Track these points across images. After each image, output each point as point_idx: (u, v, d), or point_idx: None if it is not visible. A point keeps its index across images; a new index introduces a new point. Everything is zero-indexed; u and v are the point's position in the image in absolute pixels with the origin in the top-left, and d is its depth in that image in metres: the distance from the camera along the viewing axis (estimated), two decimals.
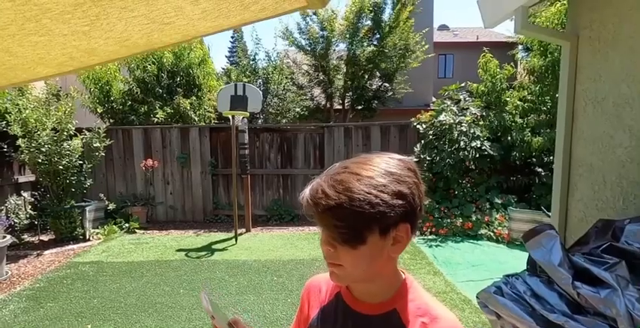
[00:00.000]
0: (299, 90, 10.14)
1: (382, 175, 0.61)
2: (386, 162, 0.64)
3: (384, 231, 0.61)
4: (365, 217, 0.59)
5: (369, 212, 0.58)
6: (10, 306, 3.37)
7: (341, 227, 0.60)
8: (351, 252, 0.62)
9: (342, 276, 0.66)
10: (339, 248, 0.63)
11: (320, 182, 0.63)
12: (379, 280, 0.69)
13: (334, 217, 0.60)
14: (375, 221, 0.60)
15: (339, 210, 0.59)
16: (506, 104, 6.14)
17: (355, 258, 0.62)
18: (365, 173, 0.61)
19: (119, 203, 6.42)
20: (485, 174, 6.04)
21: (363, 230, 0.60)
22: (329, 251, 0.64)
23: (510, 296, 1.47)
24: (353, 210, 0.58)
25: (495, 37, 14.49)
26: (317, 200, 0.61)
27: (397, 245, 0.64)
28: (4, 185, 5.59)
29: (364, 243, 0.61)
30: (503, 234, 5.14)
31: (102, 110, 7.26)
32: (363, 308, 0.71)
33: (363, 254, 0.62)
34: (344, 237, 0.61)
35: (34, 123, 4.99)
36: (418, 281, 3.66)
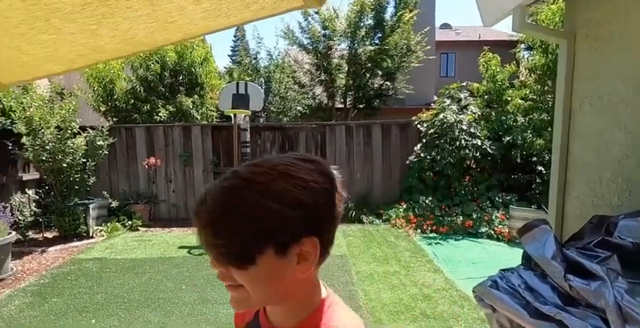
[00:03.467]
0: (300, 88, 10.17)
1: (277, 181, 0.51)
2: (287, 164, 0.53)
3: (281, 249, 0.50)
4: (249, 233, 0.49)
5: (255, 227, 0.49)
6: (15, 301, 3.43)
7: (221, 245, 0.50)
8: (242, 274, 0.51)
9: (241, 300, 0.55)
10: (229, 269, 0.52)
11: (206, 191, 0.53)
12: (289, 303, 0.58)
13: (212, 234, 0.51)
14: (264, 237, 0.50)
15: (218, 225, 0.50)
16: (507, 103, 6.14)
17: (249, 281, 0.52)
18: (256, 178, 0.51)
19: (122, 201, 6.46)
20: (486, 173, 6.05)
21: (249, 248, 0.50)
22: (221, 273, 0.53)
23: (505, 289, 1.50)
24: (233, 224, 0.50)
25: (498, 36, 14.46)
26: (197, 213, 0.52)
27: (304, 263, 0.52)
28: (8, 183, 5.65)
29: (253, 263, 0.50)
30: (503, 232, 5.16)
31: (105, 108, 7.32)
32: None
33: (257, 276, 0.51)
34: (226, 258, 0.51)
35: (39, 122, 5.05)
36: (418, 279, 3.68)
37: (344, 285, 3.72)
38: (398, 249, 4.81)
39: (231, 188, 0.52)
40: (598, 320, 1.13)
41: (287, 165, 0.53)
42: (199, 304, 3.34)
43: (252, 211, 0.50)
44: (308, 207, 0.51)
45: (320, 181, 0.53)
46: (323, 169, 0.55)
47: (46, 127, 5.07)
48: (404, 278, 3.90)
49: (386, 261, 4.39)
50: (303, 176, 0.52)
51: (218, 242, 0.50)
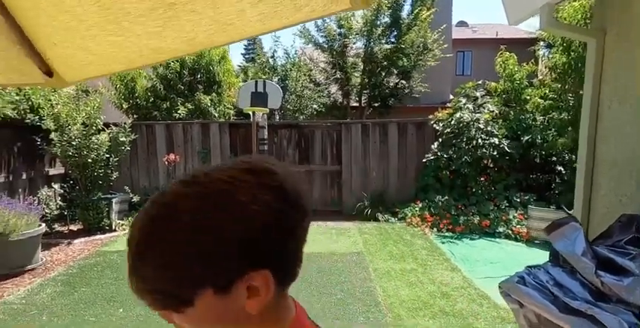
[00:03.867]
0: (316, 87, 10.22)
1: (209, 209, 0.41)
2: (225, 181, 0.42)
3: (221, 288, 0.42)
4: (177, 278, 0.41)
5: (183, 271, 0.41)
6: (47, 290, 3.58)
7: (149, 291, 0.44)
8: (182, 317, 0.44)
9: None
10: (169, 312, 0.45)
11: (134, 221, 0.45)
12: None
13: (139, 280, 0.44)
14: (196, 281, 0.41)
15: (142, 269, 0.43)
16: (526, 102, 6.07)
17: (191, 323, 0.45)
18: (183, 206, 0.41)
19: (143, 196, 6.63)
20: (503, 172, 5.99)
21: (181, 293, 0.42)
22: (162, 314, 0.46)
23: (533, 285, 1.52)
24: (158, 269, 0.42)
25: (516, 34, 14.20)
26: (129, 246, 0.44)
27: (255, 298, 0.43)
28: (36, 177, 5.87)
29: (191, 305, 0.42)
30: (521, 233, 5.11)
31: (127, 106, 7.50)
32: None
33: (199, 317, 0.43)
34: (160, 304, 0.44)
35: (65, 118, 5.22)
36: (436, 277, 3.69)
37: (362, 281, 3.76)
38: (414, 247, 4.83)
39: (154, 220, 0.42)
40: (630, 316, 1.15)
41: (224, 185, 0.42)
42: None
43: (178, 252, 0.40)
44: (248, 239, 0.41)
45: (265, 200, 0.42)
46: (271, 181, 0.43)
47: (73, 123, 5.24)
48: (421, 275, 3.92)
49: (402, 259, 4.42)
50: (241, 198, 0.41)
51: (147, 287, 0.43)
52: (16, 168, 5.46)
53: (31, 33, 0.89)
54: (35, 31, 0.88)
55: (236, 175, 0.43)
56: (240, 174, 0.43)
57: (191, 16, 0.84)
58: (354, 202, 6.54)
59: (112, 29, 0.86)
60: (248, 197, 0.41)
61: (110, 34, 0.87)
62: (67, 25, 0.86)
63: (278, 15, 0.88)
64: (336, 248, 4.82)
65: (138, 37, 0.89)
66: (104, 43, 0.90)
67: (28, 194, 5.65)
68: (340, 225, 5.97)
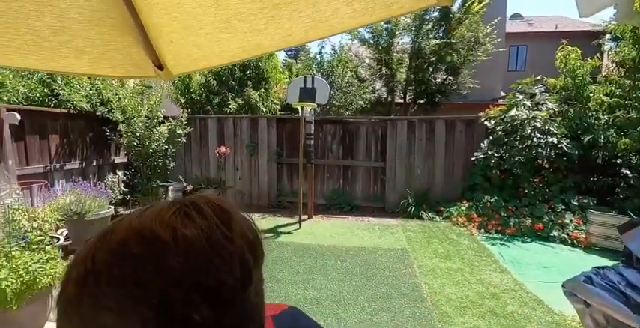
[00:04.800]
0: (361, 83, 10.21)
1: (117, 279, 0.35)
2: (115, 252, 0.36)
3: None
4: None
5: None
6: None
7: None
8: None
9: None
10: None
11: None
12: None
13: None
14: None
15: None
16: (588, 100, 5.67)
17: None
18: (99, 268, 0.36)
19: (195, 185, 7.06)
20: (560, 174, 5.66)
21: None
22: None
23: (602, 285, 1.48)
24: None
25: (577, 26, 13.23)
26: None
27: None
28: (104, 165, 6.44)
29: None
30: (579, 238, 4.83)
31: (183, 100, 7.98)
32: None
33: None
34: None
35: (131, 111, 5.68)
36: (484, 277, 3.61)
37: (407, 277, 3.77)
38: (460, 247, 4.73)
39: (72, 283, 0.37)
40: None
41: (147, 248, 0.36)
42: (270, 282, 3.61)
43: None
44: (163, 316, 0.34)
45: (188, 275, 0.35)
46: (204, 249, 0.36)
47: (137, 116, 5.69)
48: (468, 275, 3.85)
49: (448, 258, 4.35)
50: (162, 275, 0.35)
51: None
52: (89, 156, 6.04)
53: (152, 31, 1.03)
54: (156, 29, 1.02)
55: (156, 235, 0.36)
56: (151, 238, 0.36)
57: (292, 14, 0.93)
58: (398, 199, 6.50)
59: (223, 27, 0.97)
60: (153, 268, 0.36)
61: (221, 32, 0.99)
62: (185, 25, 0.99)
63: (369, 12, 0.95)
64: (380, 244, 4.84)
65: (244, 34, 1.00)
66: (214, 39, 1.02)
67: (97, 179, 6.23)
68: (383, 222, 5.98)
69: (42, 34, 0.93)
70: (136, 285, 0.34)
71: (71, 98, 5.49)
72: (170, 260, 0.35)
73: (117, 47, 1.05)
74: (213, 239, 0.37)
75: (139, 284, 0.34)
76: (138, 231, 0.37)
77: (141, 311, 0.34)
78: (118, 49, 1.05)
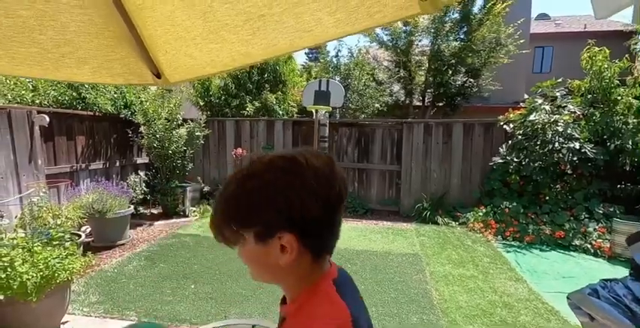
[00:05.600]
0: (378, 86, 10.16)
1: (276, 179, 0.59)
2: (267, 163, 0.61)
3: (259, 238, 0.61)
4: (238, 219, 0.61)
5: (242, 215, 0.61)
6: (133, 263, 4.12)
7: (218, 226, 0.64)
8: (239, 251, 0.65)
9: (253, 276, 0.68)
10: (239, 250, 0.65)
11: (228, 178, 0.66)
12: (285, 284, 0.68)
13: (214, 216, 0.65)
14: (248, 225, 0.61)
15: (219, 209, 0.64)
16: (616, 103, 5.42)
17: (243, 258, 0.66)
18: (260, 174, 0.60)
19: (212, 186, 7.23)
20: (584, 180, 5.43)
21: (236, 232, 0.62)
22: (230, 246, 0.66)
23: (608, 299, 1.42)
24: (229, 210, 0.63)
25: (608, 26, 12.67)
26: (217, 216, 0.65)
27: (285, 254, 0.60)
28: (126, 165, 6.70)
29: (240, 244, 0.63)
30: (603, 247, 4.61)
31: (202, 103, 8.20)
32: (281, 309, 0.71)
33: (246, 255, 0.64)
34: (221, 238, 0.65)
35: (152, 114, 5.89)
36: (498, 286, 3.53)
37: (417, 283, 3.72)
38: (475, 254, 4.62)
39: (236, 179, 0.63)
40: None
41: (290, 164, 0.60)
42: None
43: (247, 203, 0.60)
44: (278, 206, 0.58)
45: (314, 186, 0.59)
46: (325, 173, 0.61)
47: (158, 118, 5.89)
48: (481, 283, 3.75)
49: (462, 264, 4.26)
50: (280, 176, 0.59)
51: (215, 222, 0.65)
52: (112, 156, 6.29)
53: (148, 43, 1.08)
54: (152, 41, 1.07)
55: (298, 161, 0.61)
56: (277, 159, 0.62)
57: (277, 25, 0.96)
58: (413, 203, 6.42)
59: (212, 38, 1.01)
60: (288, 175, 0.59)
61: (210, 42, 1.03)
62: (178, 36, 1.03)
63: (352, 21, 0.96)
64: (392, 248, 4.80)
65: (232, 44, 1.03)
66: (205, 50, 1.06)
67: (120, 179, 6.48)
68: (397, 226, 5.92)
69: (45, 46, 1.00)
70: (280, 186, 0.58)
71: (97, 101, 5.75)
72: (305, 173, 0.59)
73: (116, 57, 1.11)
74: (331, 169, 0.62)
75: (283, 185, 0.58)
76: (282, 155, 0.62)
77: (279, 204, 0.58)
78: (117, 59, 1.11)
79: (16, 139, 4.43)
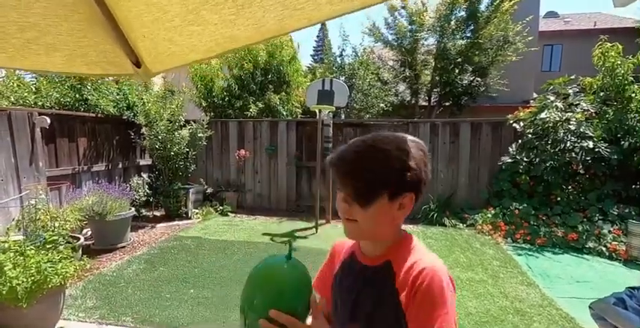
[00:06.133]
0: (383, 85, 10.03)
1: (396, 150, 0.75)
2: (400, 139, 0.78)
3: (392, 197, 0.74)
4: (377, 182, 0.74)
5: (382, 178, 0.74)
6: (133, 266, 4.04)
7: (356, 188, 0.75)
8: (361, 212, 0.75)
9: (353, 231, 0.80)
10: (353, 206, 0.76)
11: (343, 150, 0.78)
12: (383, 238, 0.81)
13: (352, 178, 0.75)
14: (384, 186, 0.74)
15: (356, 174, 0.75)
16: (630, 100, 5.23)
17: (365, 217, 0.76)
18: (380, 146, 0.76)
19: (215, 188, 7.15)
20: (598, 180, 5.25)
21: (374, 192, 0.74)
22: (345, 207, 0.77)
23: (636, 309, 1.29)
24: (368, 174, 0.74)
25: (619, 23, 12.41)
26: (337, 165, 0.77)
27: (402, 210, 0.77)
28: (129, 167, 6.65)
29: (373, 203, 0.74)
30: (619, 250, 4.42)
31: (205, 104, 8.14)
32: (365, 260, 0.84)
33: (371, 214, 0.75)
34: (356, 197, 0.75)
35: (154, 115, 5.83)
36: (509, 291, 3.38)
37: None
38: (484, 257, 4.46)
39: (364, 150, 0.77)
40: None
41: (401, 140, 0.78)
42: None
43: (381, 167, 0.75)
44: (414, 171, 0.75)
45: (420, 155, 0.77)
46: (421, 147, 0.79)
47: (160, 120, 5.83)
48: (491, 288, 3.60)
49: (471, 268, 4.11)
50: (411, 149, 0.76)
51: (355, 184, 0.75)
52: (115, 158, 6.25)
53: (125, 26, 0.98)
54: (127, 24, 0.97)
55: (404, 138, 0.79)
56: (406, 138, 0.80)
57: (263, 2, 0.85)
58: (419, 205, 6.24)
59: (191, 19, 0.91)
60: (413, 150, 0.77)
61: (190, 24, 0.92)
62: (154, 17, 0.93)
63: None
64: None
65: (215, 26, 0.93)
66: (185, 33, 0.96)
67: (122, 181, 6.43)
68: (403, 227, 5.76)
69: (8, 30, 0.90)
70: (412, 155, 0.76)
71: (99, 103, 5.71)
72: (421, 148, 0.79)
73: (89, 44, 1.01)
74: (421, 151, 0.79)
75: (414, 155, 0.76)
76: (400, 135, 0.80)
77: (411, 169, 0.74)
78: (90, 46, 1.01)
79: (17, 141, 4.38)
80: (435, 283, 0.70)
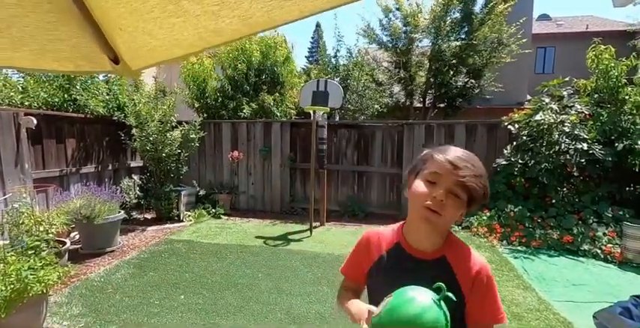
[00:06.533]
0: (378, 86, 9.99)
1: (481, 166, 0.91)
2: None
3: (469, 204, 0.87)
4: (484, 191, 0.88)
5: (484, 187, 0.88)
6: (122, 271, 3.92)
7: (472, 189, 0.85)
8: (455, 207, 0.85)
9: (436, 223, 0.87)
10: (450, 204, 0.85)
11: (460, 156, 0.88)
12: (446, 233, 0.94)
13: (475, 182, 0.85)
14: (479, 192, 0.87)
15: (480, 179, 0.87)
16: (624, 102, 5.24)
17: (454, 212, 0.86)
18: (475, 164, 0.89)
19: (208, 190, 7.04)
20: (592, 182, 5.24)
21: (475, 196, 0.86)
22: (440, 203, 0.85)
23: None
24: (485, 183, 0.88)
25: (611, 26, 12.54)
26: (464, 166, 0.86)
27: (463, 211, 0.90)
28: (120, 168, 6.52)
29: (466, 204, 0.87)
30: (614, 253, 4.41)
31: (198, 105, 8.03)
32: (418, 254, 0.93)
33: (458, 211, 0.87)
34: (466, 196, 0.86)
35: (145, 116, 5.72)
36: (505, 294, 3.34)
37: None
38: None
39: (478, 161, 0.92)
40: None
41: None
42: (274, 293, 3.45)
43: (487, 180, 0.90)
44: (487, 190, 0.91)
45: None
46: None
47: (151, 120, 5.71)
48: None
49: None
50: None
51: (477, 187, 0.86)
52: (104, 160, 6.11)
53: (99, 17, 0.90)
54: (103, 14, 0.89)
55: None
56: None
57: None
58: None
59: (172, 10, 0.83)
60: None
61: (170, 16, 0.85)
62: (132, 8, 0.85)
63: None
64: None
65: (197, 18, 0.85)
66: (165, 25, 0.88)
67: (112, 183, 6.29)
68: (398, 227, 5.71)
69: None
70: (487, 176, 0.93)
71: (88, 103, 5.58)
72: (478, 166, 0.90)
73: (61, 37, 0.92)
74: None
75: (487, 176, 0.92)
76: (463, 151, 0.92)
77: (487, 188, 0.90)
78: (62, 40, 0.93)
79: (1, 142, 4.25)
80: (492, 279, 0.93)
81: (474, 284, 0.88)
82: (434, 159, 0.89)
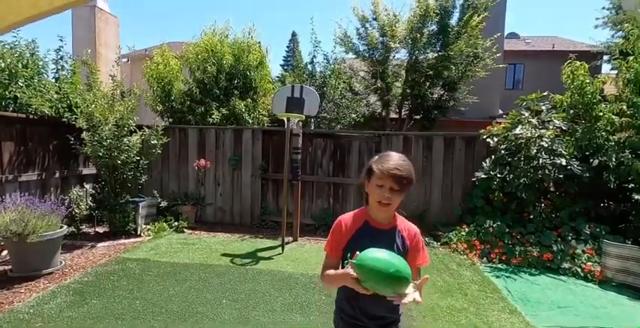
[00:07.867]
0: (354, 96, 9.79)
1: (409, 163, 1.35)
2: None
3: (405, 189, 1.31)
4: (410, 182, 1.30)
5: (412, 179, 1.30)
6: (57, 299, 3.33)
7: (404, 184, 1.28)
8: (397, 197, 1.30)
9: (387, 209, 1.34)
10: (396, 197, 1.30)
11: (401, 162, 1.30)
12: (393, 212, 1.40)
13: (405, 179, 1.28)
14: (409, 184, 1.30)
15: (409, 176, 1.29)
16: (598, 119, 5.27)
17: (398, 199, 1.32)
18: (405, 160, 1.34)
19: (171, 201, 6.45)
20: (568, 198, 5.20)
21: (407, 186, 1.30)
22: (388, 198, 1.29)
23: None
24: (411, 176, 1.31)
25: (575, 46, 13.15)
26: (406, 173, 1.28)
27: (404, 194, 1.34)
28: (69, 176, 5.82)
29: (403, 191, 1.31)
30: (594, 271, 4.31)
31: (162, 108, 7.45)
32: (380, 226, 1.39)
33: (400, 197, 1.32)
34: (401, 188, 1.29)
35: (98, 118, 5.13)
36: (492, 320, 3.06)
37: None
38: (462, 280, 4.18)
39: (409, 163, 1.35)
40: None
41: None
42: (240, 324, 3.01)
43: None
44: None
45: None
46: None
47: (105, 123, 5.13)
48: (474, 317, 3.28)
49: (449, 293, 3.79)
50: None
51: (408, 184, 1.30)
52: (50, 166, 5.43)
53: None
54: None
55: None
56: None
57: None
58: None
59: None
60: None
61: None
62: None
63: None
64: None
65: None
66: None
67: (60, 193, 5.60)
68: None
69: None
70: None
71: (31, 102, 4.93)
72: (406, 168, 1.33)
73: None
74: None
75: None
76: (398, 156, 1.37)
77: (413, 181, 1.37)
78: None
79: None
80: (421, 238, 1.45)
81: (412, 241, 1.39)
82: (375, 170, 1.31)
